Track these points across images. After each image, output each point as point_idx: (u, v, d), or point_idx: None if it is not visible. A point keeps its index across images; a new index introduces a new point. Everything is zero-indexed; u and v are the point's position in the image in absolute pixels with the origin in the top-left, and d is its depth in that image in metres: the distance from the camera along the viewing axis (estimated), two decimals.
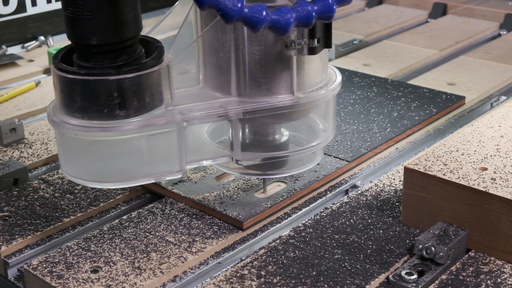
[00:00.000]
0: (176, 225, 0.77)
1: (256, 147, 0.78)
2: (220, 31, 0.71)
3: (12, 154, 0.94)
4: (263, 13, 0.63)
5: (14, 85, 1.19)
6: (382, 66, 1.23)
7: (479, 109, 1.08)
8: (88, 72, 0.67)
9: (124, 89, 0.67)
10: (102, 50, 0.67)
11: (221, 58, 0.72)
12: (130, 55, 0.68)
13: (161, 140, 0.71)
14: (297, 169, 0.80)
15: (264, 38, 0.70)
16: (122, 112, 0.68)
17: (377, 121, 0.99)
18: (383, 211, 0.79)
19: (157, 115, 0.70)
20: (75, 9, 0.65)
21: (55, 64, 0.69)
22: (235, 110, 0.72)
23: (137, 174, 0.72)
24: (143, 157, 0.71)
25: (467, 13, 1.56)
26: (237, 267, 0.70)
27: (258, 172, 0.79)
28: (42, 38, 1.40)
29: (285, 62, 0.71)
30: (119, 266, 0.70)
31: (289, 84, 0.72)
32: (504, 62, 1.23)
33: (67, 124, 0.68)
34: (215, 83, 0.74)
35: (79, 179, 0.72)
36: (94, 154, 0.71)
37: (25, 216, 0.79)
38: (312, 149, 0.78)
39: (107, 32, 0.66)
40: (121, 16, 0.66)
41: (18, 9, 1.39)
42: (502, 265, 0.69)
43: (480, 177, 0.71)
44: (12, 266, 0.73)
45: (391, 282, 0.67)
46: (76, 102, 0.67)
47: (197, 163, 0.75)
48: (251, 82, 0.72)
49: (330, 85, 0.76)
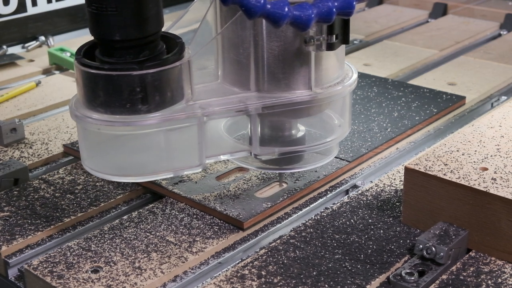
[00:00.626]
0: (177, 225, 0.77)
1: (274, 141, 0.79)
2: (240, 27, 0.72)
3: (13, 154, 0.94)
4: (285, 9, 0.65)
5: (14, 85, 1.19)
6: (382, 66, 1.23)
7: (479, 109, 1.08)
8: (111, 67, 0.68)
9: (146, 84, 0.68)
10: (125, 45, 0.68)
11: (240, 53, 0.73)
12: (152, 51, 0.70)
13: (181, 135, 0.72)
14: (312, 164, 0.81)
15: (283, 34, 0.71)
16: (144, 107, 0.69)
17: (378, 121, 0.99)
18: (384, 211, 0.79)
19: (178, 110, 0.71)
20: (99, 5, 0.66)
21: (78, 60, 0.70)
22: (255, 105, 0.73)
23: (158, 168, 0.73)
24: (164, 151, 0.73)
25: (467, 13, 1.56)
26: (237, 267, 0.70)
27: (275, 167, 0.80)
28: (42, 38, 1.40)
29: (303, 58, 0.73)
30: (119, 266, 0.70)
31: (307, 79, 0.74)
32: (504, 62, 1.23)
33: (90, 119, 0.69)
34: (234, 79, 0.75)
35: (101, 173, 0.73)
36: (116, 148, 0.73)
37: (25, 216, 0.79)
38: (327, 144, 0.80)
39: (130, 28, 0.67)
40: (144, 12, 0.67)
41: (18, 9, 1.39)
42: (503, 265, 0.69)
43: (480, 177, 0.71)
44: (12, 266, 0.73)
45: (392, 282, 0.67)
46: (99, 96, 0.69)
47: (215, 158, 0.76)
48: (269, 78, 0.73)
49: (346, 81, 0.77)
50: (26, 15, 1.40)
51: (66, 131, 1.00)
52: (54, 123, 1.03)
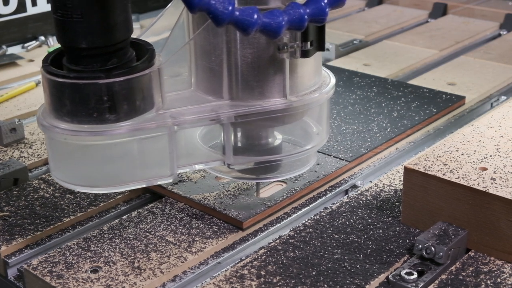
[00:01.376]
0: (176, 225, 0.77)
1: (249, 151, 0.77)
2: (212, 34, 0.70)
3: (12, 154, 0.94)
4: (254, 16, 0.62)
5: (14, 85, 1.19)
6: (382, 66, 1.23)
7: (479, 109, 1.08)
8: (78, 75, 0.66)
9: (114, 92, 0.66)
10: (92, 53, 0.66)
11: (213, 61, 0.71)
12: (121, 58, 0.67)
13: (152, 144, 0.70)
14: (290, 173, 0.79)
15: (257, 41, 0.69)
16: (112, 116, 0.67)
17: (377, 121, 0.99)
18: (383, 211, 0.79)
19: (148, 118, 0.69)
20: (65, 12, 0.64)
21: (45, 68, 0.68)
22: (227, 114, 0.71)
23: (128, 179, 0.71)
24: (134, 161, 0.71)
25: (467, 13, 1.56)
26: (237, 267, 0.70)
27: (251, 176, 0.78)
28: (42, 38, 1.41)
29: (277, 65, 0.70)
30: (119, 266, 0.70)
31: (282, 87, 0.71)
32: (504, 62, 1.23)
33: (57, 128, 0.68)
34: (207, 86, 0.73)
35: (69, 184, 0.71)
36: (84, 158, 0.70)
37: (25, 216, 0.79)
38: (305, 153, 0.77)
39: (96, 35, 0.65)
40: (111, 19, 0.65)
41: (18, 9, 1.39)
42: (502, 265, 0.69)
43: (480, 177, 0.71)
44: (12, 266, 0.73)
45: (391, 282, 0.67)
46: (66, 105, 0.67)
47: (189, 167, 0.74)
48: (243, 86, 0.71)
49: (323, 88, 0.75)
50: (26, 15, 1.40)
51: None
52: None
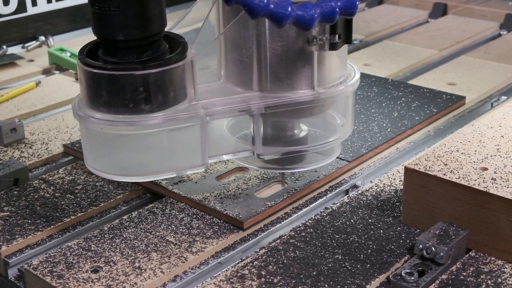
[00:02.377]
0: (177, 225, 0.77)
1: (277, 141, 0.79)
2: (242, 27, 0.72)
3: (13, 154, 0.94)
4: (289, 8, 0.65)
5: (14, 85, 1.19)
6: (382, 66, 1.23)
7: (479, 109, 1.08)
8: (114, 67, 0.68)
9: (149, 84, 0.68)
10: (128, 45, 0.68)
11: (243, 53, 0.73)
12: (155, 51, 0.70)
13: (184, 134, 0.72)
14: (314, 163, 0.81)
15: (286, 34, 0.71)
16: (147, 107, 0.69)
17: (377, 121, 0.99)
18: (384, 211, 0.79)
19: (181, 109, 0.71)
20: (102, 5, 0.66)
21: (81, 59, 0.70)
22: (257, 105, 0.73)
23: (161, 168, 0.73)
24: (167, 151, 0.73)
25: (467, 13, 1.56)
26: (237, 267, 0.70)
27: (277, 167, 0.80)
28: (42, 38, 1.40)
29: (306, 57, 0.73)
30: (119, 266, 0.70)
31: (310, 79, 0.74)
32: (504, 62, 1.23)
33: (93, 118, 0.69)
34: (237, 79, 0.75)
35: (104, 173, 0.73)
36: (119, 148, 0.73)
37: (25, 216, 0.79)
38: (330, 144, 0.79)
39: (133, 27, 0.67)
40: (147, 12, 0.67)
41: (18, 9, 1.39)
42: (503, 265, 0.69)
43: (480, 177, 0.71)
44: (12, 266, 0.73)
45: (392, 282, 0.67)
46: (102, 96, 0.69)
47: (218, 158, 0.76)
48: (272, 77, 0.73)
49: (349, 80, 0.77)
50: (26, 15, 1.40)
51: (66, 131, 1.00)
52: (54, 123, 1.03)
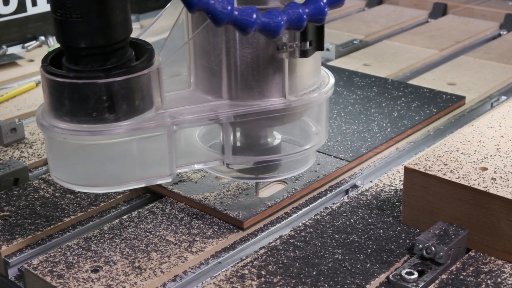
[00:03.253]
0: (177, 224, 0.77)
1: (248, 150, 0.77)
2: (211, 33, 0.70)
3: (13, 154, 0.94)
4: (253, 16, 0.62)
5: (14, 85, 1.19)
6: (382, 66, 1.23)
7: (479, 109, 1.08)
8: (77, 75, 0.66)
9: (113, 92, 0.66)
10: (91, 53, 0.66)
11: (212, 61, 0.71)
12: (120, 58, 0.68)
13: (151, 144, 0.70)
14: (289, 172, 0.79)
15: (256, 40, 0.69)
16: (111, 116, 0.67)
17: (377, 121, 0.99)
18: (383, 211, 0.79)
19: (147, 118, 0.69)
20: (64, 12, 0.64)
21: (44, 67, 0.68)
22: (226, 114, 0.71)
23: (127, 178, 0.71)
24: (133, 161, 0.71)
25: (467, 13, 1.56)
26: (237, 267, 0.70)
27: (251, 176, 0.78)
28: (42, 38, 1.40)
29: (277, 65, 0.71)
30: (119, 265, 0.70)
31: (281, 87, 0.72)
32: (504, 62, 1.23)
33: (56, 128, 0.68)
34: (206, 86, 0.73)
35: (69, 184, 0.71)
36: (83, 158, 0.71)
37: (25, 216, 0.79)
38: (304, 152, 0.77)
39: (96, 35, 0.65)
40: (110, 19, 0.65)
41: (18, 9, 1.39)
42: (502, 264, 0.69)
43: (480, 177, 0.71)
44: (12, 266, 0.73)
45: (392, 282, 0.67)
46: (65, 105, 0.67)
47: (188, 167, 0.74)
48: (242, 85, 0.71)
49: (322, 87, 0.75)
50: (26, 15, 1.40)
51: None
52: None
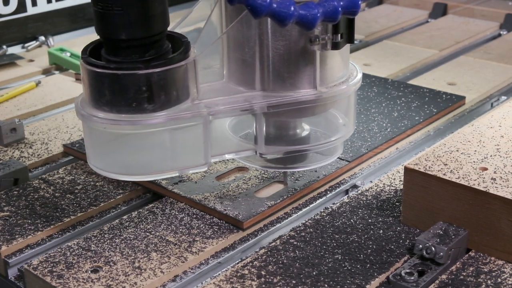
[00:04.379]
0: (176, 225, 0.77)
1: (279, 141, 0.79)
2: (245, 26, 0.72)
3: (12, 154, 0.94)
4: (291, 8, 0.65)
5: (14, 85, 1.19)
6: (382, 66, 1.23)
7: (479, 109, 1.08)
8: (117, 66, 0.68)
9: (152, 83, 0.68)
10: (131, 44, 0.68)
11: (245, 53, 0.73)
12: (158, 50, 0.70)
13: (187, 134, 0.72)
14: (316, 162, 0.81)
15: (289, 33, 0.71)
16: (150, 106, 0.69)
17: (377, 121, 0.99)
18: (383, 211, 0.79)
19: (184, 109, 0.71)
20: (105, 4, 0.66)
21: (84, 59, 0.70)
22: (260, 104, 0.73)
23: (163, 167, 0.73)
24: (170, 150, 0.73)
25: (467, 13, 1.56)
26: (237, 267, 0.70)
27: (279, 166, 0.80)
28: (42, 38, 1.40)
29: (308, 57, 0.73)
30: (119, 266, 0.70)
31: (312, 78, 0.74)
32: (504, 62, 1.23)
33: (96, 118, 0.70)
34: (239, 78, 0.75)
35: (107, 172, 0.74)
36: (122, 147, 0.73)
37: (25, 216, 0.79)
38: (332, 143, 0.80)
39: (136, 27, 0.67)
40: (150, 11, 0.67)
41: (18, 9, 1.39)
42: (502, 265, 0.69)
43: (480, 177, 0.71)
44: (12, 266, 0.73)
45: (391, 282, 0.67)
46: (105, 95, 0.69)
47: (220, 157, 0.77)
48: (275, 77, 0.73)
49: (351, 80, 0.77)
50: (26, 15, 1.40)
51: (66, 131, 1.00)
52: (54, 123, 1.03)
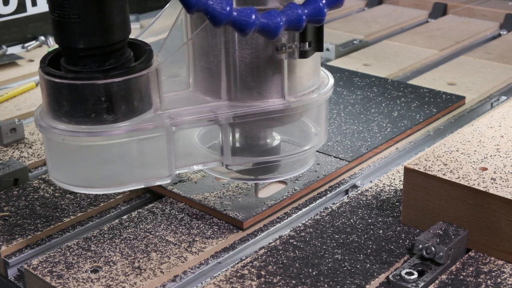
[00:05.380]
0: (176, 225, 0.77)
1: (247, 151, 0.77)
2: (210, 34, 0.70)
3: (12, 154, 0.94)
4: (252, 16, 0.62)
5: (14, 85, 1.19)
6: (382, 66, 1.23)
7: (479, 109, 1.08)
8: (75, 76, 0.66)
9: (112, 93, 0.66)
10: (90, 53, 0.66)
11: (211, 61, 0.71)
12: (118, 59, 0.67)
13: (150, 145, 0.70)
14: (289, 173, 0.79)
15: (255, 41, 0.69)
16: (110, 117, 0.67)
17: (377, 121, 0.99)
18: (383, 211, 0.79)
19: (146, 119, 0.69)
20: (62, 12, 0.64)
21: (42, 68, 0.68)
22: (225, 115, 0.71)
23: (126, 179, 0.71)
24: (132, 162, 0.70)
25: (467, 13, 1.56)
26: (237, 267, 0.70)
27: (250, 177, 0.78)
28: (42, 38, 1.41)
29: (276, 65, 0.70)
30: (119, 266, 0.70)
31: (280, 88, 0.71)
32: (504, 62, 1.23)
33: (55, 129, 0.67)
34: (205, 87, 0.73)
35: (67, 185, 0.71)
36: (82, 159, 0.70)
37: (25, 216, 0.79)
38: (304, 153, 0.77)
39: (94, 35, 0.65)
40: (108, 19, 0.65)
41: (18, 9, 1.39)
42: (502, 265, 0.69)
43: (480, 177, 0.71)
44: (12, 266, 0.73)
45: (391, 282, 0.67)
46: (64, 106, 0.66)
47: (187, 168, 0.74)
48: (241, 86, 0.71)
49: (322, 88, 0.75)
50: (26, 15, 1.40)
51: None
52: None
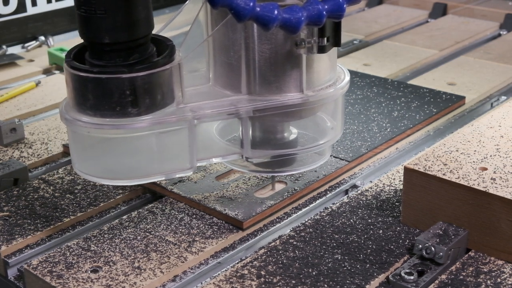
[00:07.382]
0: (176, 225, 0.77)
1: (265, 144, 0.79)
2: (230, 29, 0.72)
3: (12, 154, 0.94)
4: (275, 12, 0.64)
5: (14, 85, 1.19)
6: (382, 66, 1.23)
7: (479, 109, 1.08)
8: (101, 70, 0.68)
9: (136, 87, 0.68)
10: (115, 48, 0.68)
11: (231, 56, 0.73)
12: (142, 54, 0.69)
13: (172, 138, 0.72)
14: (305, 166, 0.81)
15: (274, 36, 0.71)
16: (134, 110, 0.69)
17: (377, 121, 0.99)
18: (383, 211, 0.79)
19: (169, 113, 0.71)
20: (89, 8, 0.66)
21: (68, 62, 0.69)
22: (245, 108, 0.73)
23: (148, 171, 0.73)
24: (154, 155, 0.72)
25: (467, 13, 1.56)
26: (237, 267, 0.70)
27: (267, 170, 0.80)
28: (42, 38, 1.40)
29: (294, 60, 0.72)
30: (119, 266, 0.70)
31: (299, 82, 0.73)
32: (504, 62, 1.23)
33: (80, 122, 0.69)
34: (225, 81, 0.75)
35: (92, 176, 0.73)
36: (106, 151, 0.73)
37: (25, 216, 0.79)
38: (320, 147, 0.79)
39: (120, 30, 0.67)
40: (134, 15, 0.67)
41: (18, 9, 1.39)
42: (502, 265, 0.69)
43: (480, 177, 0.71)
44: (12, 266, 0.73)
45: (391, 282, 0.67)
46: (89, 99, 0.68)
47: (207, 161, 0.76)
48: (261, 80, 0.73)
49: (338, 83, 0.76)
50: (26, 15, 1.40)
51: (66, 131, 1.00)
52: (54, 123, 1.03)
